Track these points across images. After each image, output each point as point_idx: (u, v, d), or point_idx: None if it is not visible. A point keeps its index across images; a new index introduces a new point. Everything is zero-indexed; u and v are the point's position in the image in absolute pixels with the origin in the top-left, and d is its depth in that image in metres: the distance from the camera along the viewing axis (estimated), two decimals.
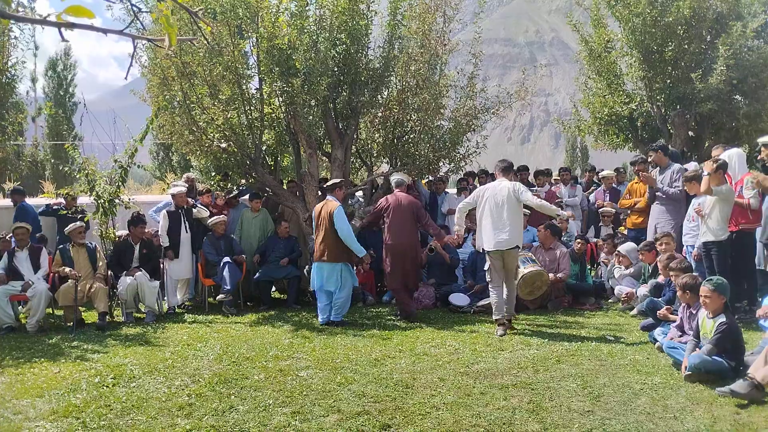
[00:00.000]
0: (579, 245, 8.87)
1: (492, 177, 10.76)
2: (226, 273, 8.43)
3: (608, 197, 10.48)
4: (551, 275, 8.20)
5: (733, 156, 7.29)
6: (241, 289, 8.86)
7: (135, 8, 2.53)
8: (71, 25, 2.01)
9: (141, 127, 8.95)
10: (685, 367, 4.96)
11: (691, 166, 8.23)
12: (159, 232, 8.79)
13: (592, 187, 11.17)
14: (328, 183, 8.17)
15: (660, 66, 11.51)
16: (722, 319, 5.03)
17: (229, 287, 8.37)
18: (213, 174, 10.22)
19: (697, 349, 5.12)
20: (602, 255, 9.22)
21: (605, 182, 10.81)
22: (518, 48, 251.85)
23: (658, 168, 8.45)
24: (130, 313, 8.07)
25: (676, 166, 8.29)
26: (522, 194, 6.93)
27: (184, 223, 8.77)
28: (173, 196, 8.87)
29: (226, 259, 8.56)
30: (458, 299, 8.38)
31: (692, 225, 7.44)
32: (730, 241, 6.92)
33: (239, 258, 8.74)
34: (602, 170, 11.63)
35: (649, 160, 8.48)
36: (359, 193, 10.30)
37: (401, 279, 7.87)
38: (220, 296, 8.39)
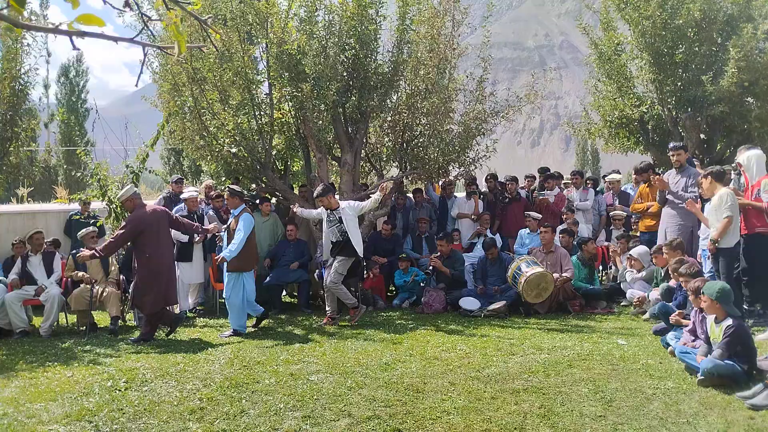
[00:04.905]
0: (586, 248, 8.90)
1: (496, 179, 10.81)
2: None
3: (617, 201, 10.44)
4: (555, 275, 8.20)
5: (752, 158, 7.15)
6: None
7: (145, 16, 2.56)
8: (82, 34, 2.04)
9: (152, 132, 9.01)
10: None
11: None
12: (173, 235, 8.82)
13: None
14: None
15: (670, 68, 11.44)
16: (729, 322, 5.00)
17: None
18: (223, 179, 10.28)
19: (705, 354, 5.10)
20: (616, 259, 9.17)
21: (613, 186, 10.76)
22: (527, 51, 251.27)
23: (674, 170, 8.33)
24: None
25: (694, 170, 8.21)
26: (356, 208, 7.98)
27: None
28: (185, 200, 8.92)
29: None
30: (468, 303, 8.36)
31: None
32: (739, 248, 6.86)
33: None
34: (609, 173, 11.57)
35: (674, 160, 8.33)
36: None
37: (164, 300, 7.23)
38: None
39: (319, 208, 8.16)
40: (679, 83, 11.46)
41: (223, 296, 7.58)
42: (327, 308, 7.90)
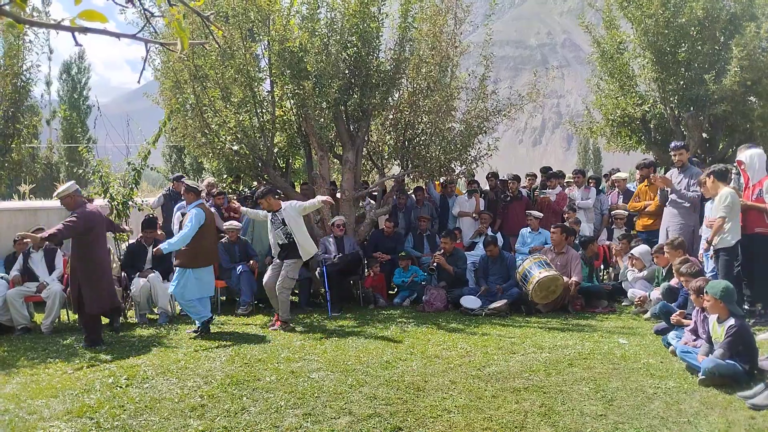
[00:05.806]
0: (589, 248, 8.89)
1: (497, 178, 10.82)
2: (243, 285, 8.52)
3: (621, 199, 10.43)
4: (565, 278, 8.18)
5: (754, 156, 7.12)
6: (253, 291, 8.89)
7: (148, 12, 2.56)
8: (85, 30, 2.03)
9: (154, 129, 9.01)
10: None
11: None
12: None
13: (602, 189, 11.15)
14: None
15: (673, 67, 11.42)
16: (731, 322, 5.00)
17: (248, 299, 8.48)
18: (225, 176, 10.28)
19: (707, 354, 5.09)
20: (617, 258, 9.17)
21: (618, 184, 10.74)
22: (530, 50, 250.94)
23: (676, 169, 8.33)
24: (143, 314, 8.12)
25: (695, 169, 8.21)
26: (298, 207, 7.57)
27: None
28: None
29: (241, 267, 8.61)
30: (469, 302, 8.36)
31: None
32: (739, 247, 6.85)
33: (253, 265, 8.77)
34: (611, 171, 11.56)
35: (675, 160, 8.33)
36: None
37: (109, 300, 6.99)
38: (239, 310, 8.44)
39: None
40: (682, 82, 11.43)
41: (170, 292, 7.45)
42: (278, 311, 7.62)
